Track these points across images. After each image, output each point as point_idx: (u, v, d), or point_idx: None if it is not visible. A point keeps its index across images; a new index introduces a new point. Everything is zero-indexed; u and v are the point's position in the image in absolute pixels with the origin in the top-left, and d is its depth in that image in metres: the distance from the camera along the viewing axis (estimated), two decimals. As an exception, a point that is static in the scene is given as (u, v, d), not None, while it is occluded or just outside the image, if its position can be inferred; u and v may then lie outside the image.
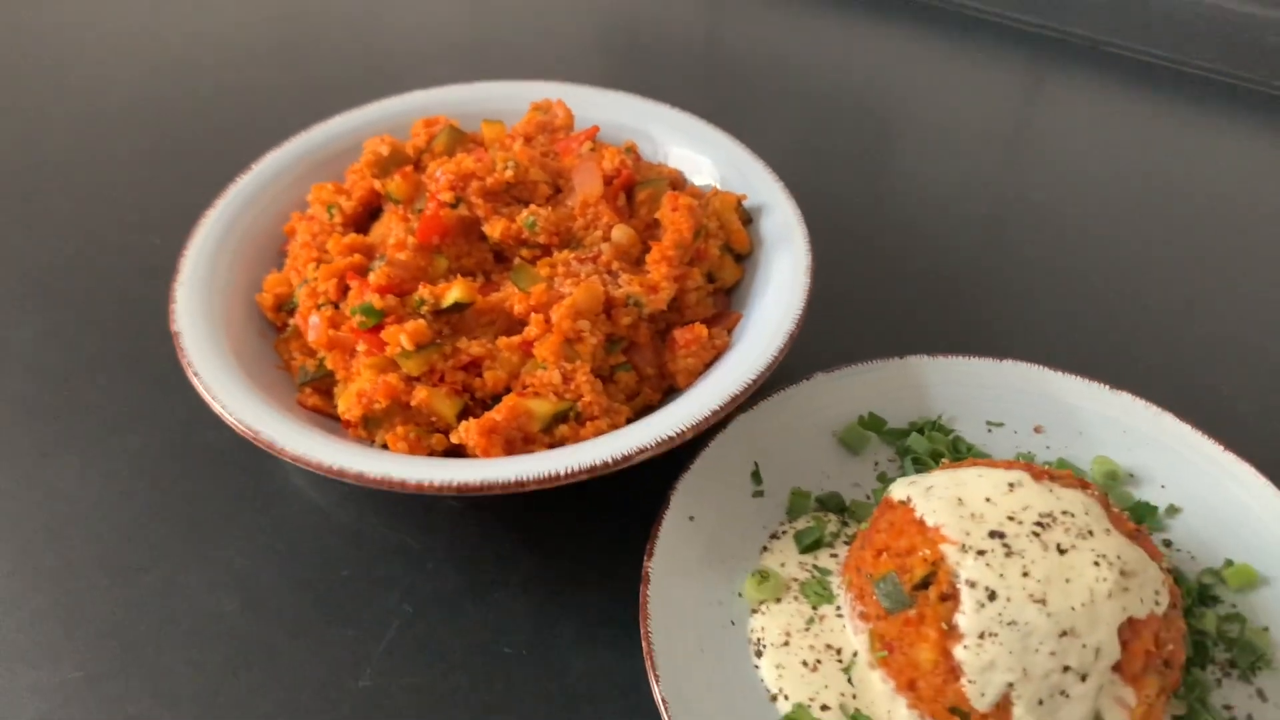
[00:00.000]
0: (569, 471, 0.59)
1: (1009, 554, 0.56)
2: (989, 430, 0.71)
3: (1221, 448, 0.67)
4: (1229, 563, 0.64)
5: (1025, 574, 0.55)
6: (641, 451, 0.60)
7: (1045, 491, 0.59)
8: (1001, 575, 0.55)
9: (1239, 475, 0.66)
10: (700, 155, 0.81)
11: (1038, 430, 0.71)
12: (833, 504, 0.67)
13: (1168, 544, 0.66)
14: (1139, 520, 0.66)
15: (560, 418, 0.64)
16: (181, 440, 0.72)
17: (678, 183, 0.80)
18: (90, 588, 0.64)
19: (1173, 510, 0.67)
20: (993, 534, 0.57)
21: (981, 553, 0.56)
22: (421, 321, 0.65)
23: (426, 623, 0.62)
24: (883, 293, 0.84)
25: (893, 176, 0.98)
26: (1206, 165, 0.99)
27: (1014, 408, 0.72)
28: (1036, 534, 0.57)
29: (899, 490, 0.61)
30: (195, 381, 0.64)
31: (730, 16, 1.24)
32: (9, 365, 0.78)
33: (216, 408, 0.62)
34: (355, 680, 0.60)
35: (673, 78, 1.12)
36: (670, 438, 0.61)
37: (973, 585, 0.55)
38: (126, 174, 0.95)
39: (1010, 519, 0.57)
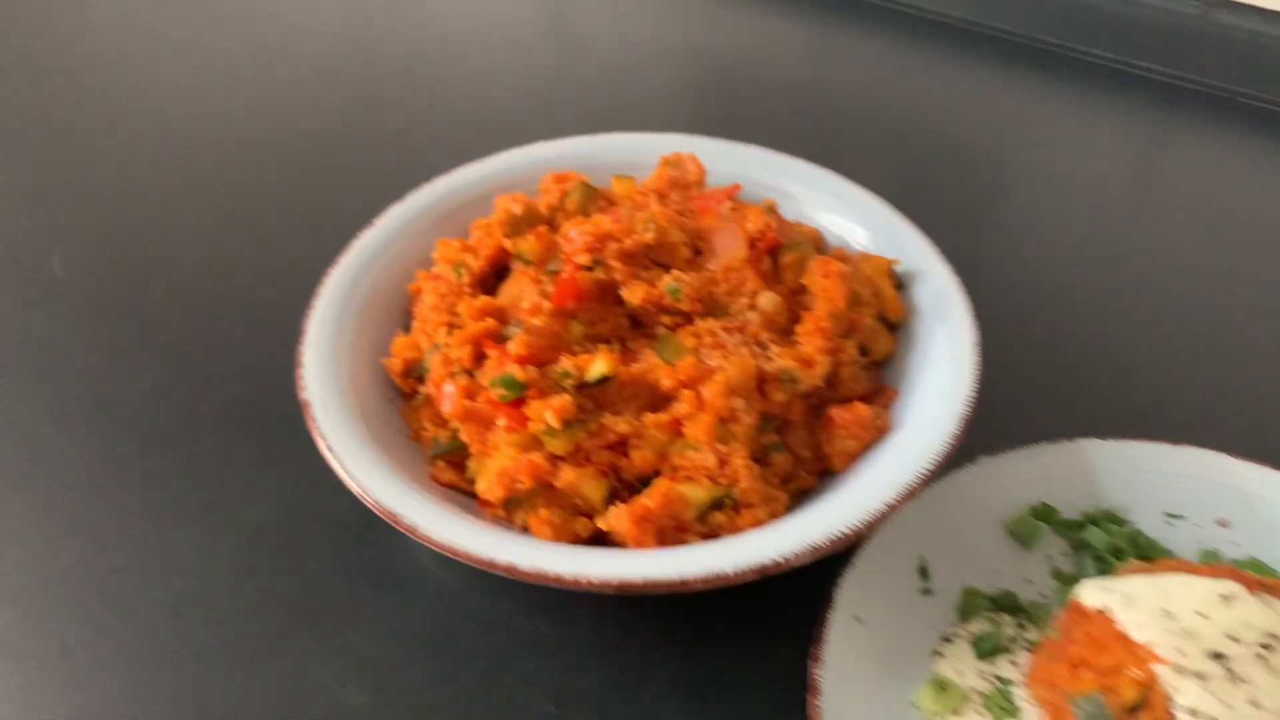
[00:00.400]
0: (738, 571, 0.54)
1: (1233, 679, 0.50)
2: (1168, 523, 0.65)
3: None
4: None
5: (1255, 704, 0.49)
6: (815, 550, 0.55)
7: (1264, 606, 0.53)
8: (1228, 705, 0.49)
9: None
10: (843, 215, 0.77)
11: (1222, 524, 0.65)
12: (1007, 604, 0.61)
13: (1380, 658, 0.60)
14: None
15: (716, 504, 0.59)
16: (303, 511, 0.69)
17: (818, 244, 0.75)
18: (211, 674, 0.60)
19: (1383, 620, 0.61)
20: (1213, 655, 0.51)
21: (1201, 676, 0.50)
22: (567, 396, 0.61)
23: (572, 726, 0.58)
24: (1036, 366, 0.78)
25: (1020, 233, 0.93)
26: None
27: (1194, 498, 0.66)
28: (1262, 657, 0.51)
29: (1091, 596, 0.56)
30: (329, 457, 0.60)
31: (832, 59, 1.20)
32: (120, 425, 0.75)
33: (354, 487, 0.59)
34: (498, 789, 0.55)
35: (771, 123, 1.08)
36: (844, 534, 0.56)
37: (1194, 714, 0.49)
38: (234, 225, 0.93)
39: (1230, 638, 0.52)
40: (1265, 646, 0.51)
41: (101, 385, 0.78)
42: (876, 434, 0.64)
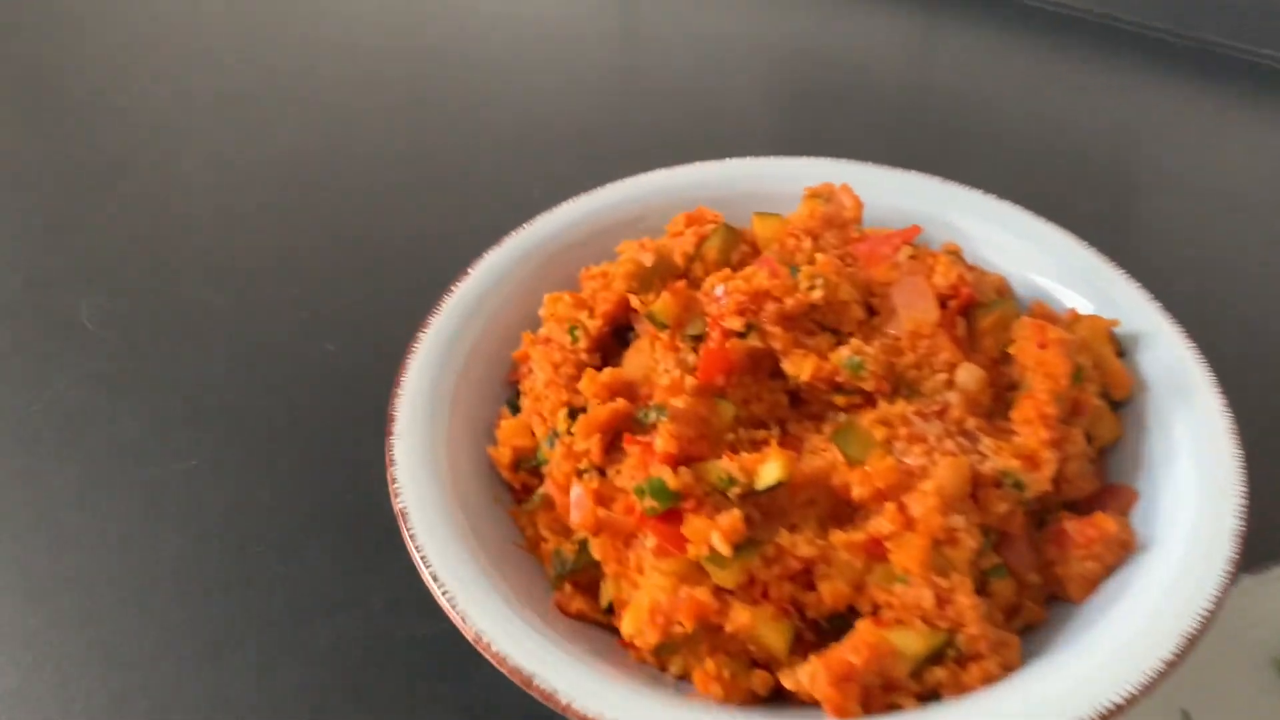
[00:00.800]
0: (986, 761, 0.41)
1: None
2: None
3: None
4: None
5: None
6: (1081, 729, 0.42)
7: None
8: None
9: None
10: (1036, 264, 0.63)
11: None
12: (1300, 775, 0.48)
13: None
14: None
15: (934, 656, 0.46)
16: (385, 633, 0.56)
17: (1005, 294, 0.62)
18: None
19: None
20: None
21: None
22: (737, 512, 0.48)
23: None
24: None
25: (1207, 268, 0.79)
26: None
27: None
28: None
29: None
30: (434, 588, 0.47)
31: (943, 60, 1.06)
32: (164, 516, 0.62)
33: (471, 634, 0.46)
34: None
35: (877, 134, 0.95)
36: (1116, 705, 0.42)
37: None
38: (286, 266, 0.80)
39: None
40: None
41: (142, 462, 0.65)
42: (1123, 552, 0.50)
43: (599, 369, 0.57)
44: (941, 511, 0.47)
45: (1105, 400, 0.56)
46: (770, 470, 0.49)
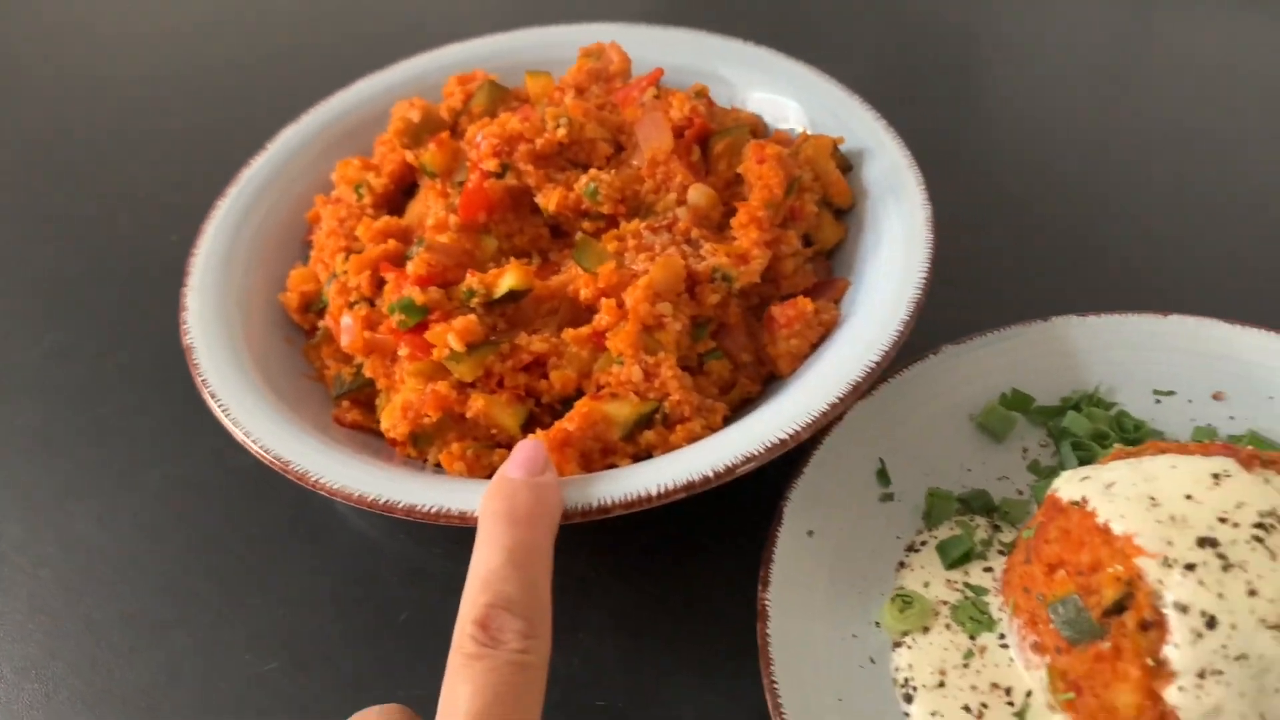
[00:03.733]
0: (662, 491, 0.48)
1: (1227, 567, 0.44)
2: (1157, 401, 0.59)
3: None
4: None
5: (1252, 592, 0.44)
6: (748, 460, 0.49)
7: (1261, 483, 0.47)
8: (1220, 595, 0.44)
9: None
10: (782, 95, 0.69)
11: (1217, 398, 0.59)
12: (978, 504, 0.55)
13: (1398, 531, 0.53)
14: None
15: (644, 421, 0.53)
16: (213, 470, 0.63)
17: (758, 130, 0.68)
18: (115, 650, 0.55)
19: (1400, 488, 0.54)
20: (1203, 542, 0.45)
21: (1191, 567, 0.44)
22: (472, 316, 0.54)
23: (503, 675, 0.52)
24: (1009, 243, 0.71)
25: (998, 103, 0.85)
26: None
27: (1185, 372, 0.59)
28: (1259, 539, 0.45)
29: (1069, 488, 0.50)
30: (211, 403, 0.54)
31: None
32: (17, 391, 0.69)
33: (238, 434, 0.53)
34: (425, 750, 0.50)
35: (734, 4, 0.99)
36: (781, 440, 0.50)
37: (1184, 610, 0.43)
38: (137, 165, 0.86)
39: (1222, 521, 0.46)
40: (1262, 527, 0.45)
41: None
42: (823, 329, 0.57)
43: (381, 222, 0.63)
44: (650, 301, 0.54)
45: (829, 208, 0.63)
46: (506, 280, 0.56)
